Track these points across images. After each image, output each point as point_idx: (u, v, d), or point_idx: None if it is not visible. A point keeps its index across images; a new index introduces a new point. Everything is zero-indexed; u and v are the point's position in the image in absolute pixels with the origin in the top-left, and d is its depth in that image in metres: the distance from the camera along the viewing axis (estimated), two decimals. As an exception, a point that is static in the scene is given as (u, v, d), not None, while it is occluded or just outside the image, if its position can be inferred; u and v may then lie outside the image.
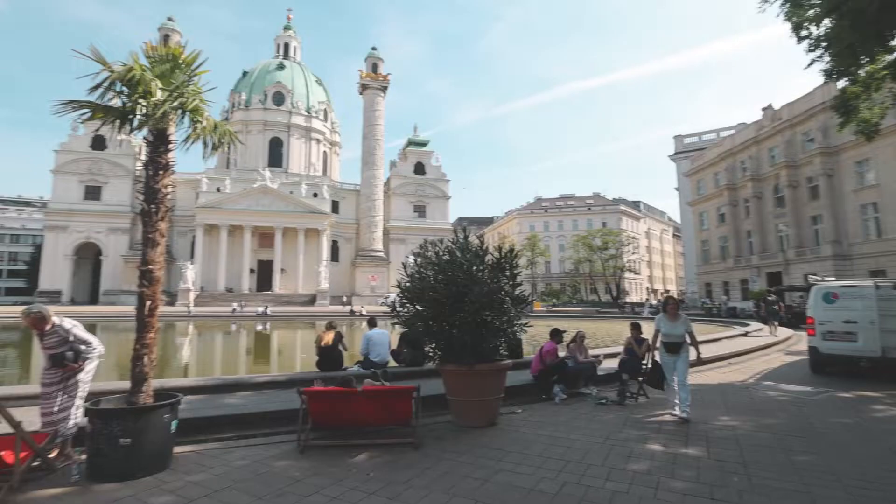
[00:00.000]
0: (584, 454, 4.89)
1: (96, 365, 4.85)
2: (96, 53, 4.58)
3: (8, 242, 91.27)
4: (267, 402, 6.62)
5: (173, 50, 4.90)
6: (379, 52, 74.03)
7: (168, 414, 4.42)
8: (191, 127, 5.05)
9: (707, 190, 51.98)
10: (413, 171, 74.52)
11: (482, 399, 6.08)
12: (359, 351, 9.36)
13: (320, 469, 4.48)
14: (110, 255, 60.94)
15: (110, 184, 62.23)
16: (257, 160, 69.42)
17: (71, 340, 4.58)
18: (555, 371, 7.86)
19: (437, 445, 5.22)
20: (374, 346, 8.88)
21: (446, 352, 6.23)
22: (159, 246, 4.68)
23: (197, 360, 17.43)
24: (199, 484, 4.10)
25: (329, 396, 5.32)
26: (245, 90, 76.72)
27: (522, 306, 6.74)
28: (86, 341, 4.63)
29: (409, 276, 6.54)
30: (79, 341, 4.59)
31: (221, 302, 51.13)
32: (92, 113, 4.65)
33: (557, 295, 73.35)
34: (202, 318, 37.73)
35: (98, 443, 4.19)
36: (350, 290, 65.02)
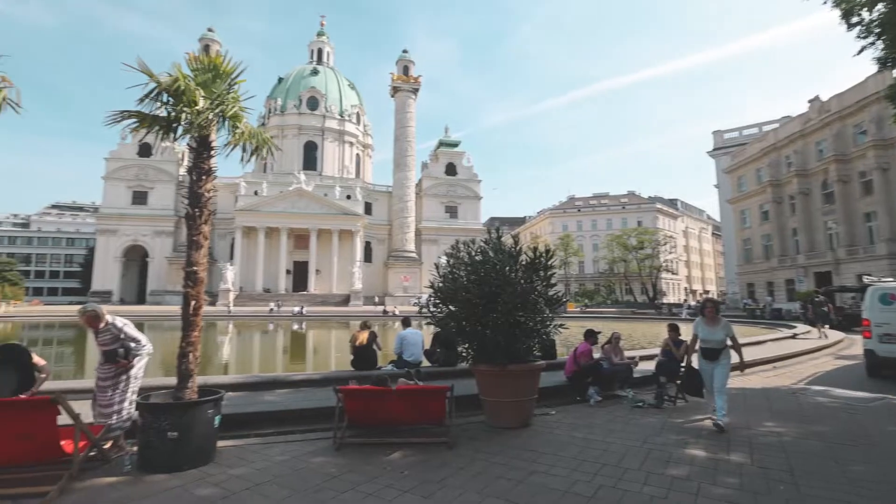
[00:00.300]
0: (621, 457, 4.80)
1: (146, 362, 5.10)
2: (143, 66, 4.82)
3: (64, 246, 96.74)
4: (304, 400, 6.79)
5: (214, 60, 5.10)
6: (410, 55, 74.59)
7: (212, 409, 4.61)
8: (231, 133, 5.25)
9: (749, 186, 49.96)
10: (444, 172, 74.75)
11: (515, 400, 6.05)
12: (392, 350, 9.46)
13: (356, 466, 4.57)
14: (156, 257, 63.77)
15: (155, 189, 65.18)
16: (293, 163, 71.10)
17: (122, 338, 4.83)
18: (589, 372, 7.75)
19: (470, 445, 5.23)
20: (408, 345, 8.97)
21: (479, 352, 6.24)
22: (203, 248, 4.88)
23: (236, 358, 18.02)
24: (241, 477, 4.25)
25: (364, 395, 5.41)
26: (280, 96, 78.76)
27: (556, 307, 6.67)
28: (136, 339, 4.87)
29: (442, 276, 6.57)
30: (129, 339, 4.84)
31: (259, 302, 52.63)
32: (140, 122, 4.90)
33: (591, 295, 72.04)
34: (241, 317, 38.98)
35: (148, 435, 4.41)
36: (383, 290, 65.77)
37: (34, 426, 3.92)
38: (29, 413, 3.98)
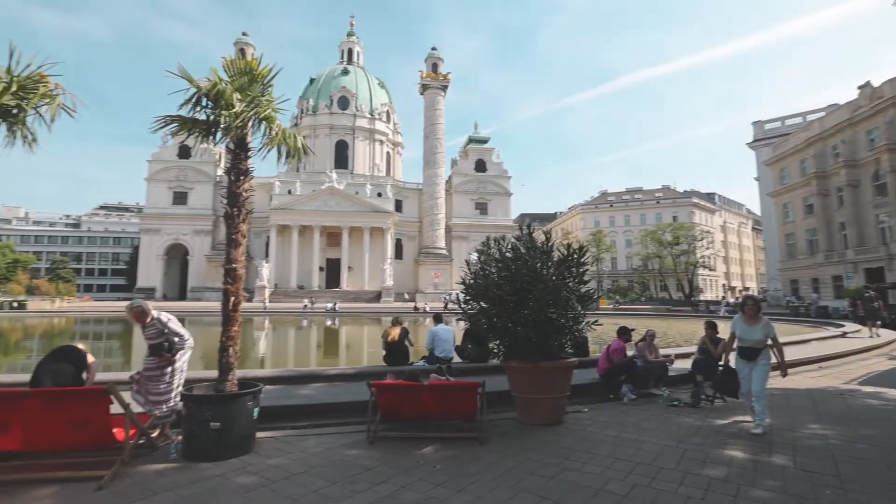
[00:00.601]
0: (655, 457, 4.72)
1: (189, 355, 5.33)
2: (184, 72, 5.03)
3: (111, 244, 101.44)
4: (338, 394, 6.94)
5: (250, 64, 5.26)
6: (438, 52, 74.65)
7: (251, 401, 4.78)
8: (266, 135, 5.40)
9: (792, 179, 47.83)
10: (474, 169, 74.59)
11: (547, 397, 6.02)
12: (424, 346, 9.55)
13: (389, 459, 4.65)
14: (195, 255, 66.17)
15: (195, 189, 67.59)
16: (324, 162, 72.34)
17: (166, 332, 5.07)
18: (623, 370, 7.63)
19: (502, 441, 5.25)
20: (440, 341, 9.03)
21: (510, 348, 6.23)
22: (241, 246, 5.06)
23: (272, 352, 18.54)
24: (280, 467, 4.40)
25: (397, 389, 5.50)
26: (312, 96, 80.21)
27: (588, 304, 6.59)
28: (179, 334, 5.09)
29: (473, 273, 6.59)
30: (173, 334, 5.07)
31: (293, 298, 53.89)
32: (182, 126, 5.11)
33: (624, 292, 70.60)
34: (276, 313, 40.01)
35: (192, 425, 4.61)
36: (414, 286, 66.25)
37: (89, 414, 4.16)
38: (85, 402, 4.22)
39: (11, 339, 22.45)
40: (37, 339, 23.27)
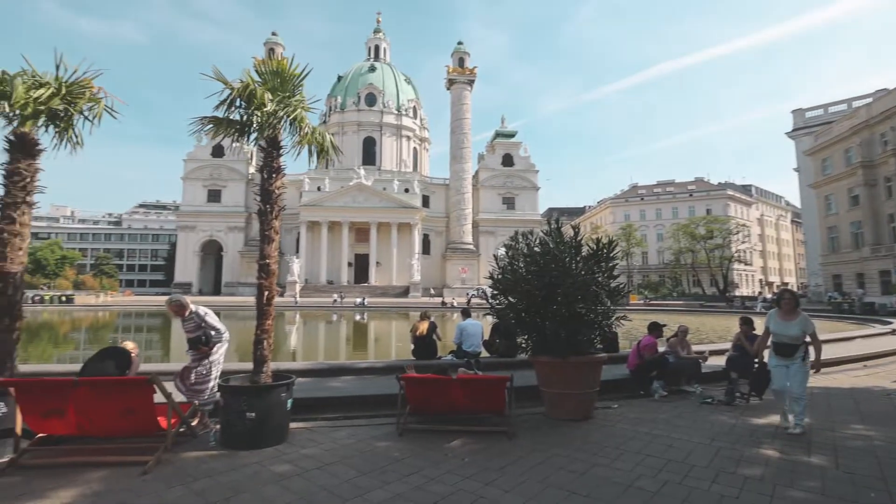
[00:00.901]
0: (687, 454, 4.64)
1: (226, 348, 5.52)
2: (218, 74, 5.20)
3: (150, 241, 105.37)
4: (368, 387, 7.07)
5: (281, 65, 5.37)
6: (465, 47, 74.37)
7: (285, 393, 4.92)
8: (296, 134, 5.52)
9: (835, 169, 45.69)
10: (501, 163, 74.15)
11: (576, 392, 5.98)
12: (452, 341, 9.61)
13: (418, 451, 4.72)
14: (229, 251, 68.11)
15: (228, 187, 69.51)
16: (352, 159, 73.17)
17: (203, 326, 5.27)
18: (654, 366, 7.50)
19: (530, 436, 5.25)
20: (468, 336, 9.06)
21: (539, 343, 6.21)
22: (274, 242, 5.20)
23: (303, 346, 18.96)
24: (312, 457, 4.52)
25: (425, 383, 5.56)
26: (340, 94, 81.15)
27: (618, 299, 6.50)
28: (215, 327, 5.29)
29: (501, 268, 6.58)
30: (209, 327, 5.27)
31: (323, 293, 54.90)
32: (217, 127, 5.28)
33: (656, 287, 69.11)
34: (307, 308, 40.87)
35: (229, 415, 4.78)
36: (441, 282, 66.51)
37: (134, 402, 4.37)
38: (129, 391, 4.44)
39: (61, 331, 23.64)
40: (83, 331, 24.45)
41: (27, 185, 4.97)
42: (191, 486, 3.82)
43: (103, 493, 3.69)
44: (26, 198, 4.97)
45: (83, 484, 3.85)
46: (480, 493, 3.73)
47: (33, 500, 3.54)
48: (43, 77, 5.14)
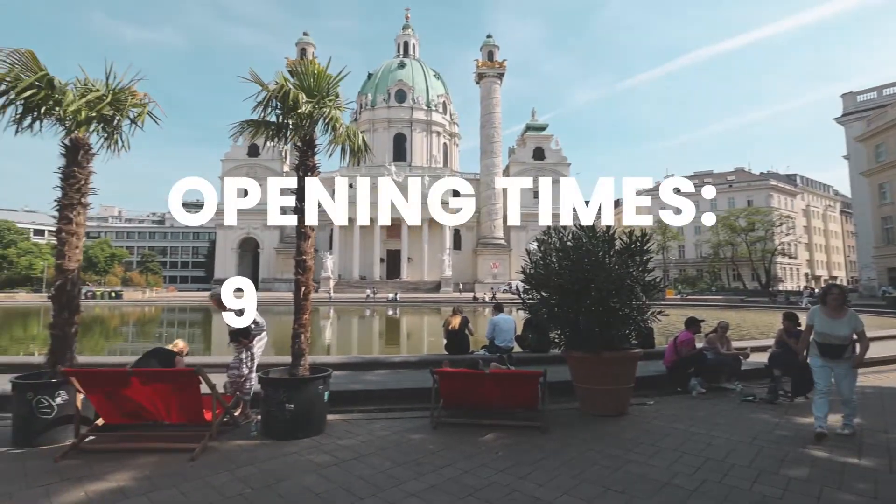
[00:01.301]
0: (727, 453, 4.52)
1: (265, 342, 5.71)
2: (255, 76, 5.35)
3: (192, 239, 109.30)
4: (402, 381, 7.19)
5: (316, 67, 5.49)
6: (494, 40, 73.75)
7: (322, 385, 5.07)
8: (330, 133, 5.64)
9: (890, 155, 43.00)
10: (532, 157, 73.34)
11: (610, 388, 5.92)
12: (484, 335, 9.63)
13: (452, 444, 4.78)
14: (265, 248, 70.02)
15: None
16: (383, 156, 73.81)
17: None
18: (691, 363, 7.32)
19: (564, 431, 5.23)
20: (500, 331, 9.06)
21: (572, 338, 6.16)
22: (310, 239, 5.35)
23: (338, 339, 19.36)
24: (349, 448, 4.65)
25: (458, 377, 5.61)
26: (370, 91, 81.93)
27: (653, 294, 6.37)
28: (254, 321, 5.47)
29: (534, 262, 6.55)
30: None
31: (356, 289, 55.80)
32: (255, 129, 5.47)
33: (693, 282, 67.04)
34: (341, 303, 41.64)
35: (269, 406, 4.96)
36: (472, 277, 66.48)
37: (182, 392, 4.59)
38: (178, 381, 4.66)
39: (111, 325, 24.90)
40: (131, 325, 25.67)
41: (82, 188, 5.26)
42: (235, 473, 4.00)
43: (155, 477, 3.90)
44: (81, 199, 5.27)
45: (136, 468, 4.09)
46: (514, 487, 3.75)
47: (93, 482, 3.78)
48: (94, 84, 5.43)
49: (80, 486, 3.70)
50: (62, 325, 5.11)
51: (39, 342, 16.66)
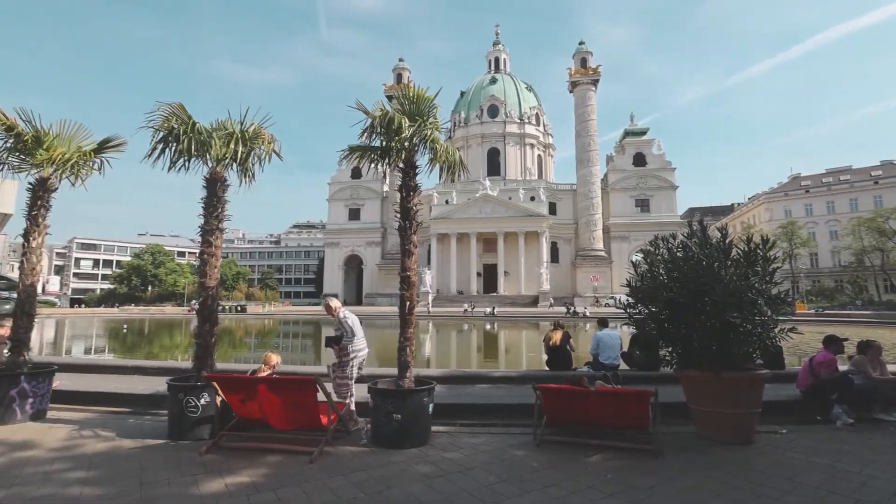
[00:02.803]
0: (890, 496, 3.88)
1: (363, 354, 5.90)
2: (360, 105, 5.80)
3: (303, 258, 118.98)
4: (504, 396, 7.16)
5: (415, 91, 5.80)
6: (586, 46, 72.16)
7: (427, 397, 5.23)
8: (430, 153, 5.89)
9: None
10: (632, 164, 69.93)
11: (732, 412, 5.38)
12: (588, 351, 9.28)
13: (556, 463, 4.66)
14: (368, 264, 74.14)
15: (366, 205, 75.99)
16: (477, 171, 74.89)
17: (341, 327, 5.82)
18: (834, 387, 6.41)
19: (680, 456, 4.85)
20: (604, 347, 8.68)
21: (685, 356, 5.73)
22: (414, 255, 5.60)
23: (437, 353, 19.79)
24: (453, 461, 4.73)
25: (563, 394, 5.47)
26: (463, 109, 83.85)
27: (780, 308, 5.70)
28: (345, 330, 5.75)
29: (640, 275, 6.22)
30: (343, 329, 5.77)
31: (454, 303, 56.68)
32: (362, 154, 5.90)
33: (831, 294, 58.79)
34: (439, 317, 42.53)
35: (378, 415, 5.22)
36: (571, 290, 64.49)
37: (301, 398, 5.01)
38: (297, 388, 5.10)
39: (238, 335, 27.83)
40: (253, 336, 28.46)
41: (219, 215, 6.04)
42: (349, 477, 4.26)
43: (280, 475, 4.29)
44: (219, 225, 6.04)
45: (264, 466, 4.53)
46: (626, 513, 3.56)
47: (230, 476, 4.25)
48: (228, 125, 6.22)
49: (220, 479, 4.18)
50: (205, 335, 5.85)
51: (182, 349, 19.14)
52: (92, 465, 4.51)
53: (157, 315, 50.82)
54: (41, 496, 3.81)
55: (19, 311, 6.41)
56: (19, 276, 6.58)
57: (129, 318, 43.99)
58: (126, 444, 5.23)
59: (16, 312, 6.45)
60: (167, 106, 5.88)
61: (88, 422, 6.16)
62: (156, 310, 60.36)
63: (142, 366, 9.49)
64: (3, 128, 6.38)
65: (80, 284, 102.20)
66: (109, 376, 8.79)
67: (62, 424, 5.99)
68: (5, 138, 6.46)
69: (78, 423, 6.03)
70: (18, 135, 6.43)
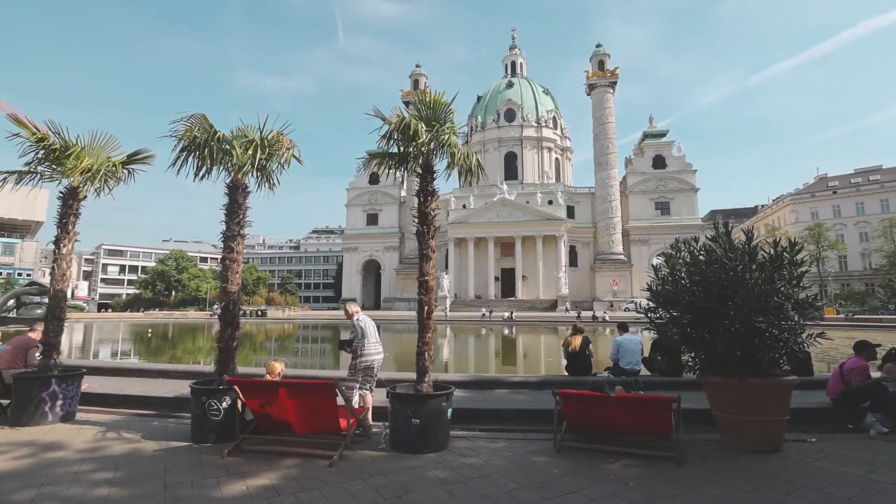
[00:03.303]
0: (925, 507, 3.73)
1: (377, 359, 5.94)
2: (378, 112, 5.85)
3: (322, 263, 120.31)
4: (523, 401, 7.10)
5: (432, 97, 5.83)
6: (604, 48, 71.71)
7: (445, 402, 5.22)
8: (447, 157, 5.91)
9: None
10: (651, 166, 69.04)
11: (758, 419, 5.24)
12: (608, 356, 9.16)
13: (577, 470, 4.60)
14: (386, 269, 74.55)
15: (383, 211, 76.50)
16: (494, 175, 74.79)
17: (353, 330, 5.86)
18: (866, 395, 6.19)
19: (703, 465, 4.74)
20: (625, 352, 8.55)
21: (708, 362, 5.60)
22: (432, 260, 5.61)
23: (455, 358, 19.74)
24: (472, 466, 4.70)
25: (583, 400, 5.39)
26: (480, 113, 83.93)
27: (808, 313, 5.53)
28: (358, 333, 5.78)
29: (661, 278, 6.11)
30: (357, 332, 5.80)
31: (472, 307, 56.57)
32: (380, 161, 5.95)
33: (861, 298, 56.91)
34: (457, 322, 42.45)
35: (397, 420, 5.22)
36: (590, 294, 63.82)
37: (321, 402, 5.05)
38: (317, 392, 5.14)
39: (258, 340, 28.20)
40: (273, 340, 28.81)
41: (241, 221, 6.14)
42: (368, 482, 4.26)
43: (300, 478, 4.32)
44: (240, 231, 6.14)
45: (284, 469, 4.57)
46: (649, 522, 3.49)
47: (251, 478, 4.30)
48: (249, 133, 6.34)
49: (241, 481, 4.23)
50: (226, 339, 5.95)
51: (205, 353, 19.48)
52: (118, 466, 4.61)
53: (180, 319, 51.87)
54: (71, 496, 3.91)
55: (50, 315, 6.61)
56: (50, 282, 6.79)
57: (153, 323, 45.00)
58: (150, 445, 5.34)
59: (47, 317, 6.65)
60: (190, 117, 6.02)
61: (115, 423, 6.31)
62: (179, 314, 61.69)
63: (166, 369, 9.68)
64: (35, 139, 6.60)
65: (108, 290, 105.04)
66: (135, 379, 9.00)
67: (90, 426, 6.15)
68: (36, 149, 6.67)
69: (105, 425, 6.18)
70: (49, 146, 6.64)
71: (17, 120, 6.58)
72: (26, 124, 6.60)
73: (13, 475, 4.39)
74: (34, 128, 6.65)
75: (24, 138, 6.58)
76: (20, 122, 6.57)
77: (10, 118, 6.52)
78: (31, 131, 6.60)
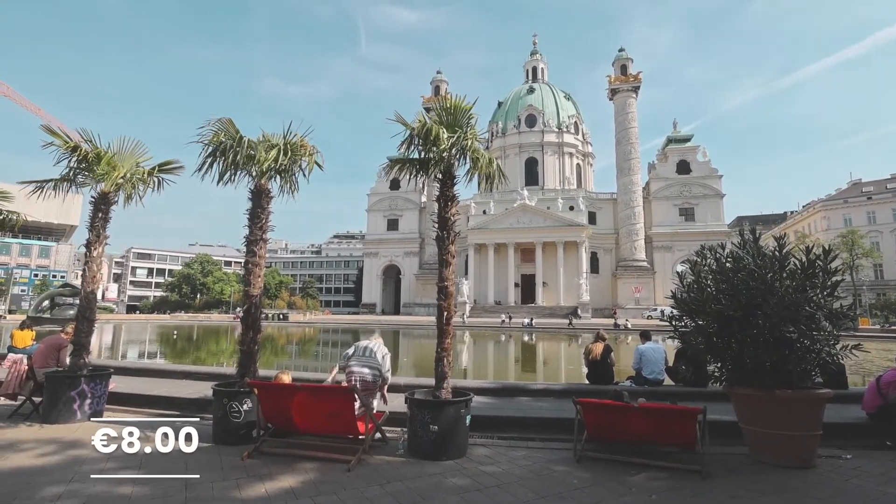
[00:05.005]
0: (970, 530, 3.53)
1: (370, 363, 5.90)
2: (399, 117, 5.88)
3: (343, 267, 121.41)
4: (543, 409, 7.01)
5: (448, 100, 5.84)
6: (627, 53, 71.01)
7: (464, 409, 5.18)
8: (470, 163, 5.89)
9: None
10: (675, 171, 67.82)
11: (788, 433, 5.05)
12: (630, 365, 8.97)
13: (598, 481, 4.50)
14: (406, 274, 74.84)
15: (404, 216, 76.95)
16: (515, 181, 74.50)
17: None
18: (905, 410, 5.92)
19: (730, 479, 4.59)
20: (647, 361, 8.36)
21: (736, 372, 5.43)
22: (451, 265, 5.59)
23: (474, 364, 19.64)
24: (491, 474, 4.64)
25: (604, 409, 5.28)
26: (501, 119, 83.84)
27: (842, 323, 5.32)
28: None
29: (686, 286, 5.97)
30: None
31: (491, 314, 56.27)
32: (402, 167, 5.97)
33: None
34: (476, 328, 42.30)
35: (415, 426, 5.19)
36: (612, 301, 62.87)
37: (340, 407, 5.06)
38: (336, 397, 5.16)
39: (279, 343, 28.56)
40: (294, 343, 29.13)
41: (263, 225, 6.23)
42: (385, 488, 4.25)
43: (318, 482, 4.33)
44: (263, 235, 6.23)
45: (302, 472, 4.58)
46: (673, 537, 3.38)
47: (270, 481, 4.33)
48: (272, 138, 6.44)
49: (260, 483, 4.26)
50: (248, 342, 6.02)
51: (227, 355, 19.81)
52: (142, 466, 4.70)
53: (204, 322, 52.95)
54: (96, 493, 4.00)
55: (81, 316, 6.81)
56: (81, 284, 7.00)
57: (179, 325, 46.03)
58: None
59: (78, 317, 6.85)
60: (217, 121, 6.15)
61: (140, 423, 6.43)
62: (203, 316, 63.01)
63: (189, 371, 9.86)
64: (68, 148, 6.84)
65: (136, 292, 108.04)
66: (160, 380, 9.19)
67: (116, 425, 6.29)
68: (70, 157, 6.92)
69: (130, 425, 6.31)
70: (82, 154, 6.88)
71: (51, 130, 6.85)
72: (59, 134, 6.86)
73: (42, 471, 4.52)
74: (67, 137, 6.89)
75: (58, 146, 6.83)
76: (53, 132, 6.83)
77: (44, 128, 6.78)
78: (64, 140, 6.85)
